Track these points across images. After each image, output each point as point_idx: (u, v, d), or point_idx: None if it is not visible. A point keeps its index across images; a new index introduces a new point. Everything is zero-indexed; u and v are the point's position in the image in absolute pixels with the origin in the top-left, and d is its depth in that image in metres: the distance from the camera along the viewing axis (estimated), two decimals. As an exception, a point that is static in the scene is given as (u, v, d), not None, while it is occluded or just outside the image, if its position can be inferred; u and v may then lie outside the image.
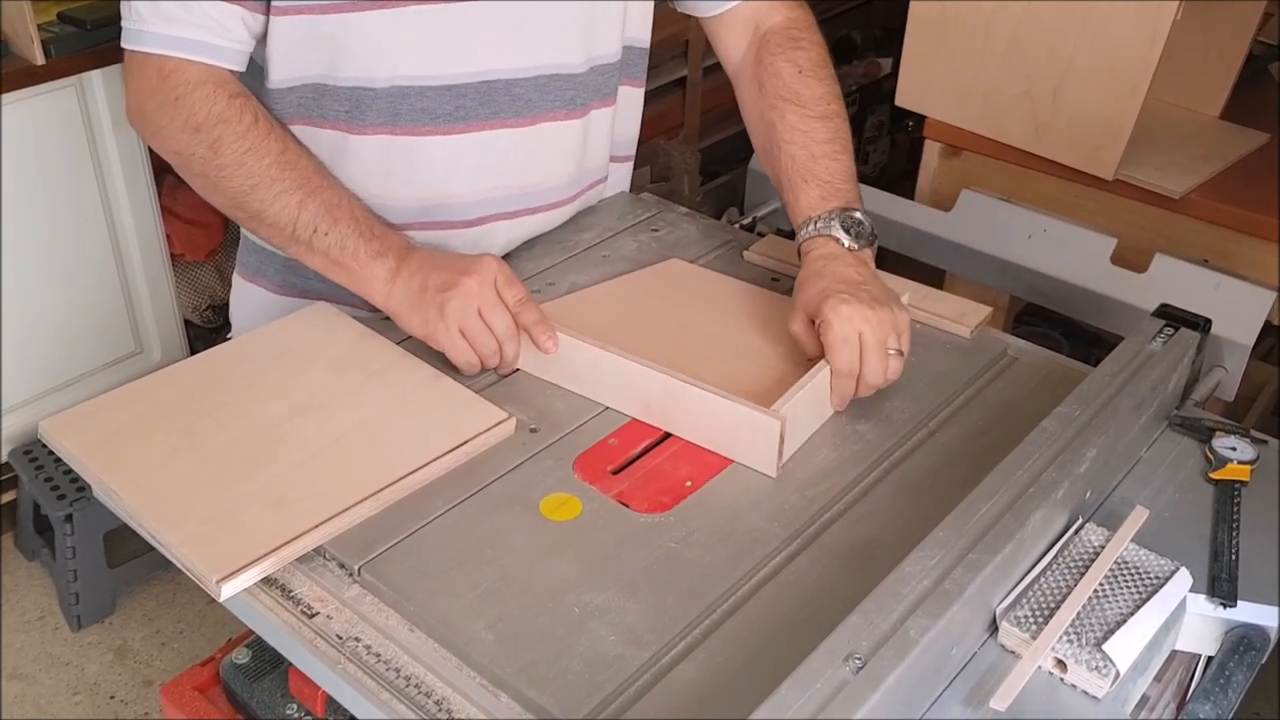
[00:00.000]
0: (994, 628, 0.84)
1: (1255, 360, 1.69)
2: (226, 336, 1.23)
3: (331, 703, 0.91)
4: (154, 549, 0.90)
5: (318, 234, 1.10)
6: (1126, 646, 0.81)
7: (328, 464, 0.96)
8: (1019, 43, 1.68)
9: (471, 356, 1.07)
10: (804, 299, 1.08)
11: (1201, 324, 1.09)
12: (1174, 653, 0.90)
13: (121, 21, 1.10)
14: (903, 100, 1.88)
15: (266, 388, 1.04)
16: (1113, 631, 0.82)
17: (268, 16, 1.11)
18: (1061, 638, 0.81)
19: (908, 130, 1.99)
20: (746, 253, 1.31)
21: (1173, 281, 1.55)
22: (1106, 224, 1.67)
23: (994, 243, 1.72)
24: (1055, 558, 0.88)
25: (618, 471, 0.99)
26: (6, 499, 2.26)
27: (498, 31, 1.16)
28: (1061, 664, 0.81)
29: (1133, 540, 0.90)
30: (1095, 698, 0.80)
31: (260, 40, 1.13)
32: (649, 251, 1.32)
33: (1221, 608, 0.88)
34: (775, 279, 1.26)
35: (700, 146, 2.86)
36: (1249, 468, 1.00)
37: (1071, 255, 1.65)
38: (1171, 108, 1.88)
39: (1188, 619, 0.89)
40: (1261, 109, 1.89)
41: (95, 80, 2.04)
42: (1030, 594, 0.85)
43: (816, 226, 1.14)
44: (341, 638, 0.84)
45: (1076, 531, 0.90)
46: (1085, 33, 1.61)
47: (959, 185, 1.80)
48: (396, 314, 1.10)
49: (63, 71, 1.98)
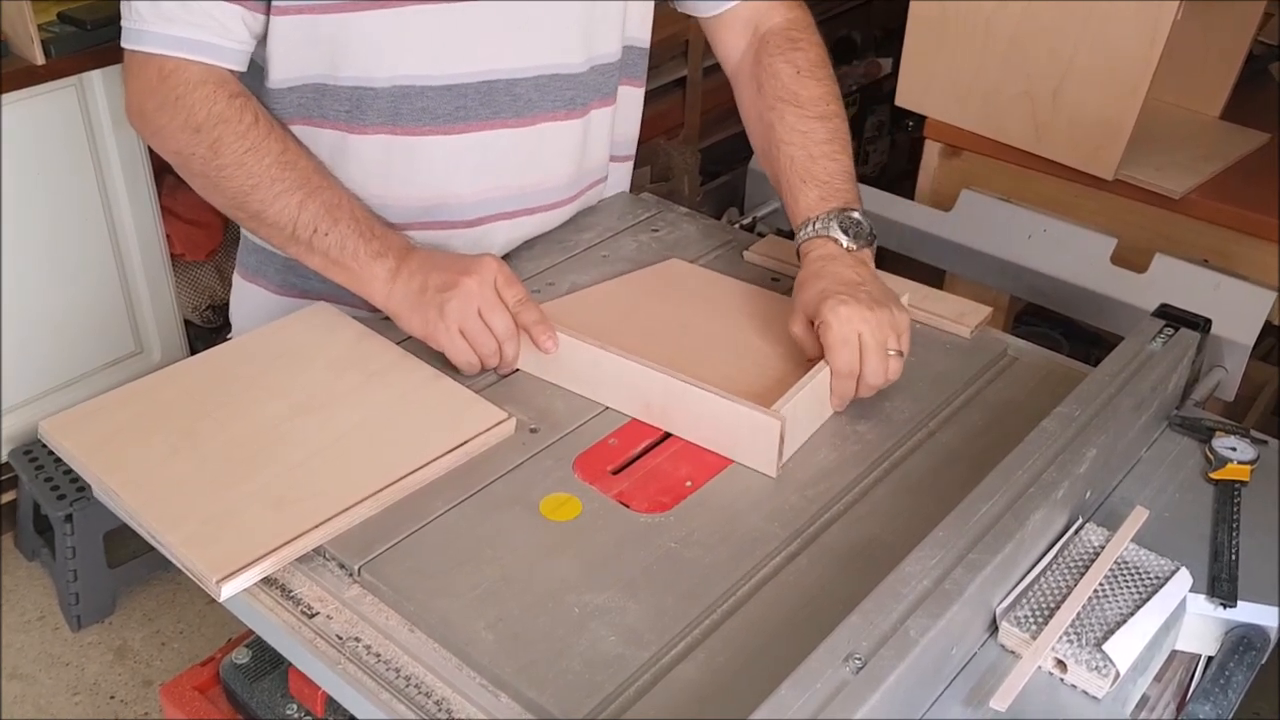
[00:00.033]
0: (994, 628, 0.84)
1: (1255, 360, 1.69)
2: (226, 336, 1.23)
3: (331, 703, 0.91)
4: (154, 549, 0.90)
5: (318, 234, 1.10)
6: (1126, 646, 0.81)
7: (328, 464, 0.96)
8: (1019, 43, 1.68)
9: (471, 356, 1.07)
10: (803, 300, 1.08)
11: (1201, 324, 1.09)
12: (1174, 653, 0.90)
13: (121, 21, 1.10)
14: (903, 100, 1.88)
15: (266, 388, 1.04)
16: (1113, 631, 0.82)
17: (268, 16, 1.11)
18: (1061, 638, 0.81)
19: (908, 130, 1.99)
20: (746, 253, 1.31)
21: (1173, 281, 1.54)
22: (1106, 224, 1.67)
23: (994, 243, 1.72)
24: (1055, 558, 0.88)
25: (618, 471, 0.99)
26: (6, 499, 2.26)
27: (498, 31, 1.16)
28: (1061, 664, 0.81)
29: (1133, 540, 0.90)
30: (1095, 698, 0.80)
31: (260, 40, 1.13)
32: (649, 251, 1.32)
33: (1221, 608, 0.88)
34: (775, 279, 1.26)
35: (700, 146, 2.86)
36: (1249, 468, 1.00)
37: (1071, 255, 1.65)
38: (1171, 108, 1.88)
39: (1188, 619, 0.89)
40: (1261, 109, 1.89)
41: (95, 80, 2.04)
42: (1030, 594, 0.85)
43: (815, 227, 1.14)
44: (341, 638, 0.84)
45: (1076, 531, 0.90)
46: (1085, 33, 1.61)
47: (959, 185, 1.80)
48: (396, 314, 1.10)
49: (63, 71, 1.98)
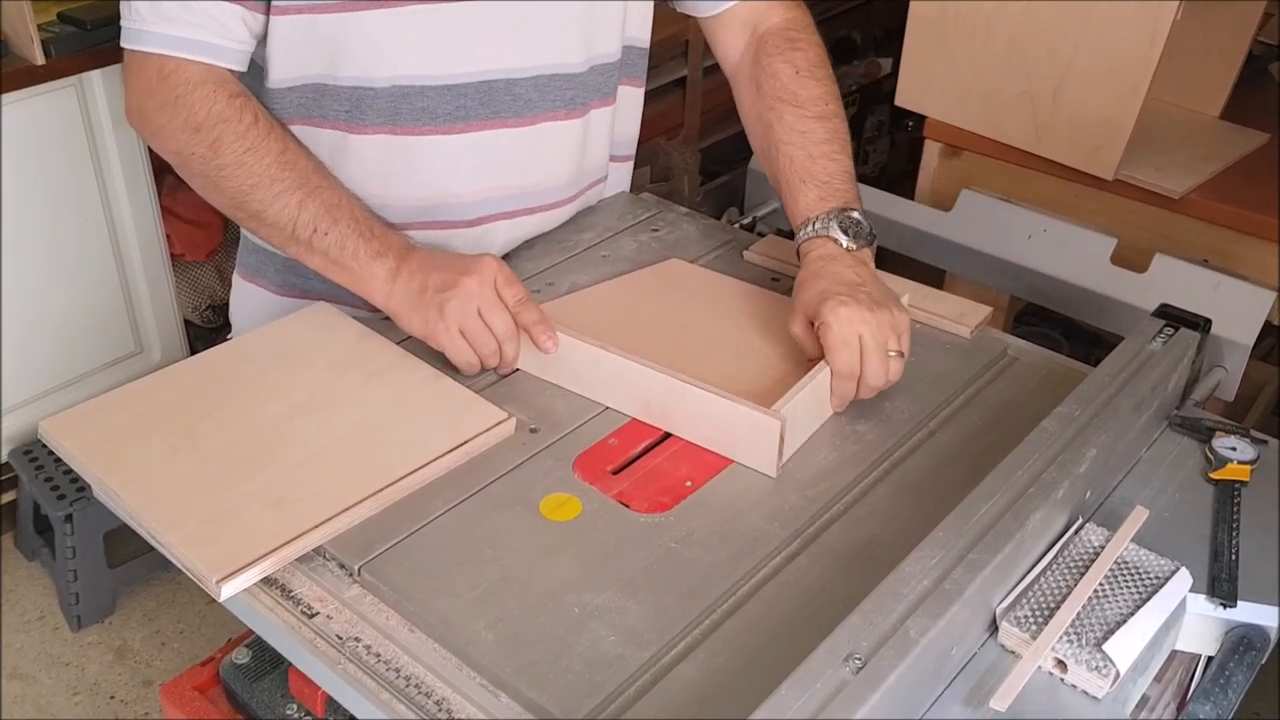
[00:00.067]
0: (994, 628, 0.84)
1: (1255, 360, 1.69)
2: (226, 336, 1.23)
3: (331, 703, 0.91)
4: (154, 549, 0.90)
5: (317, 234, 1.10)
6: (1126, 646, 0.81)
7: (328, 464, 0.95)
8: (1019, 43, 1.68)
9: (471, 356, 1.07)
10: (803, 301, 1.08)
11: (1201, 324, 1.09)
12: (1174, 653, 0.90)
13: (121, 21, 1.10)
14: (903, 100, 1.88)
15: (266, 388, 1.04)
16: (1113, 631, 0.82)
17: (268, 16, 1.11)
18: (1061, 638, 0.81)
19: (908, 130, 1.99)
20: (746, 253, 1.31)
21: (1173, 281, 1.54)
22: (1106, 224, 1.67)
23: (994, 243, 1.72)
24: (1055, 558, 0.88)
25: (618, 471, 0.99)
26: (6, 499, 2.26)
27: (498, 31, 1.16)
28: (1061, 664, 0.81)
29: (1133, 540, 0.90)
30: (1095, 698, 0.80)
31: (260, 40, 1.13)
32: (649, 251, 1.32)
33: (1221, 608, 0.88)
34: (775, 279, 1.26)
35: (700, 146, 2.86)
36: (1249, 468, 1.00)
37: (1071, 255, 1.65)
38: (1171, 108, 1.88)
39: (1188, 619, 0.89)
40: (1261, 109, 1.89)
41: (95, 80, 2.04)
42: (1030, 594, 0.85)
43: (815, 227, 1.14)
44: (341, 638, 0.84)
45: (1076, 531, 0.90)
46: (1085, 33, 1.61)
47: (959, 185, 1.80)
48: (396, 314, 1.10)
49: (63, 71, 1.98)
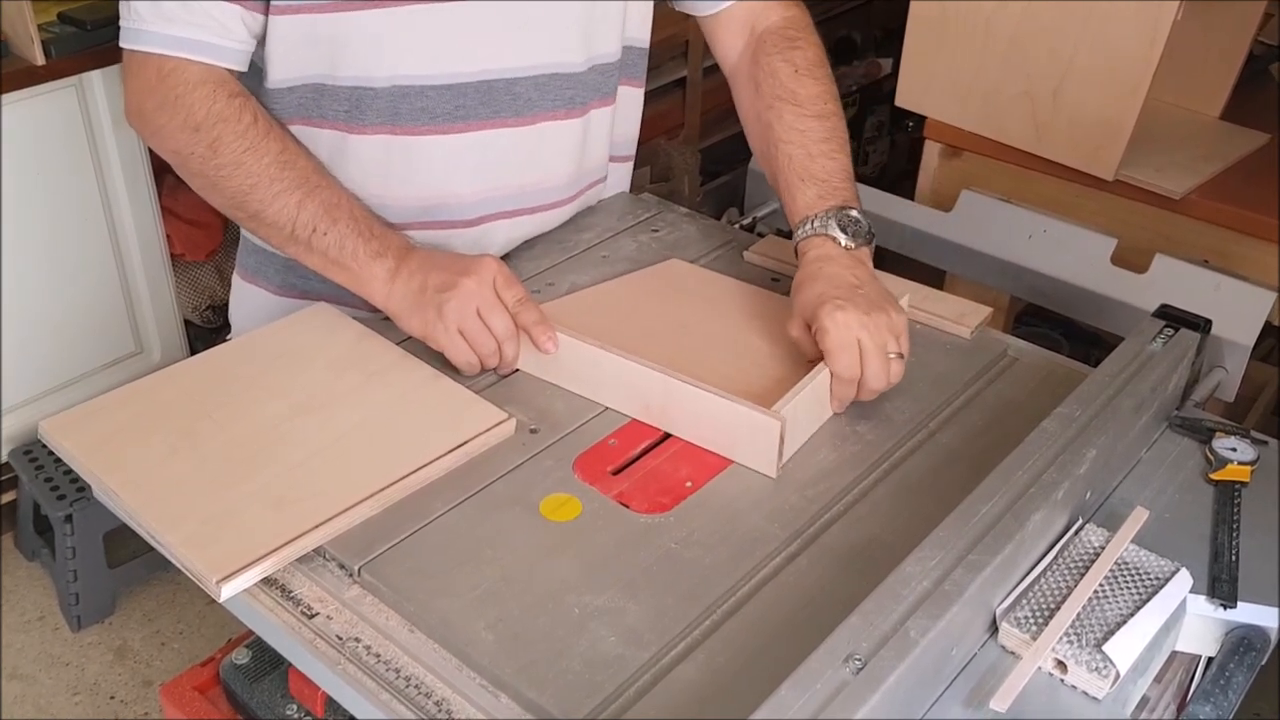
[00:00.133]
0: (994, 628, 0.84)
1: (1255, 361, 1.69)
2: (226, 337, 1.23)
3: (331, 703, 0.91)
4: (154, 549, 0.90)
5: (316, 234, 1.10)
6: (1127, 647, 0.81)
7: (328, 464, 0.95)
8: (1019, 43, 1.68)
9: (471, 357, 1.07)
10: (800, 303, 1.08)
11: (1202, 324, 1.09)
12: (1174, 653, 0.90)
13: (120, 21, 1.10)
14: (903, 100, 1.87)
15: (266, 388, 1.04)
16: (1113, 632, 0.82)
17: (267, 16, 1.11)
18: (1062, 638, 0.81)
19: (908, 130, 1.99)
20: (746, 253, 1.31)
21: (1173, 282, 1.54)
22: (1107, 224, 1.67)
23: (994, 243, 1.72)
24: (1055, 558, 0.88)
25: (618, 472, 0.99)
26: (6, 499, 2.26)
27: (498, 31, 1.16)
28: (1062, 665, 0.81)
29: (1133, 541, 0.90)
30: (1095, 699, 0.80)
31: (260, 40, 1.13)
32: (649, 252, 1.32)
33: (1222, 609, 0.88)
34: (775, 279, 1.26)
35: (700, 146, 2.86)
36: (1249, 468, 1.00)
37: (1072, 255, 1.65)
38: (1171, 108, 1.88)
39: (1188, 620, 0.89)
40: (1261, 109, 1.89)
41: (95, 80, 2.04)
42: (1030, 595, 0.85)
43: (813, 225, 1.13)
44: (341, 638, 0.83)
45: (1076, 532, 0.90)
46: (1085, 33, 1.61)
47: (959, 186, 1.80)
48: (396, 314, 1.10)
49: (63, 71, 1.98)
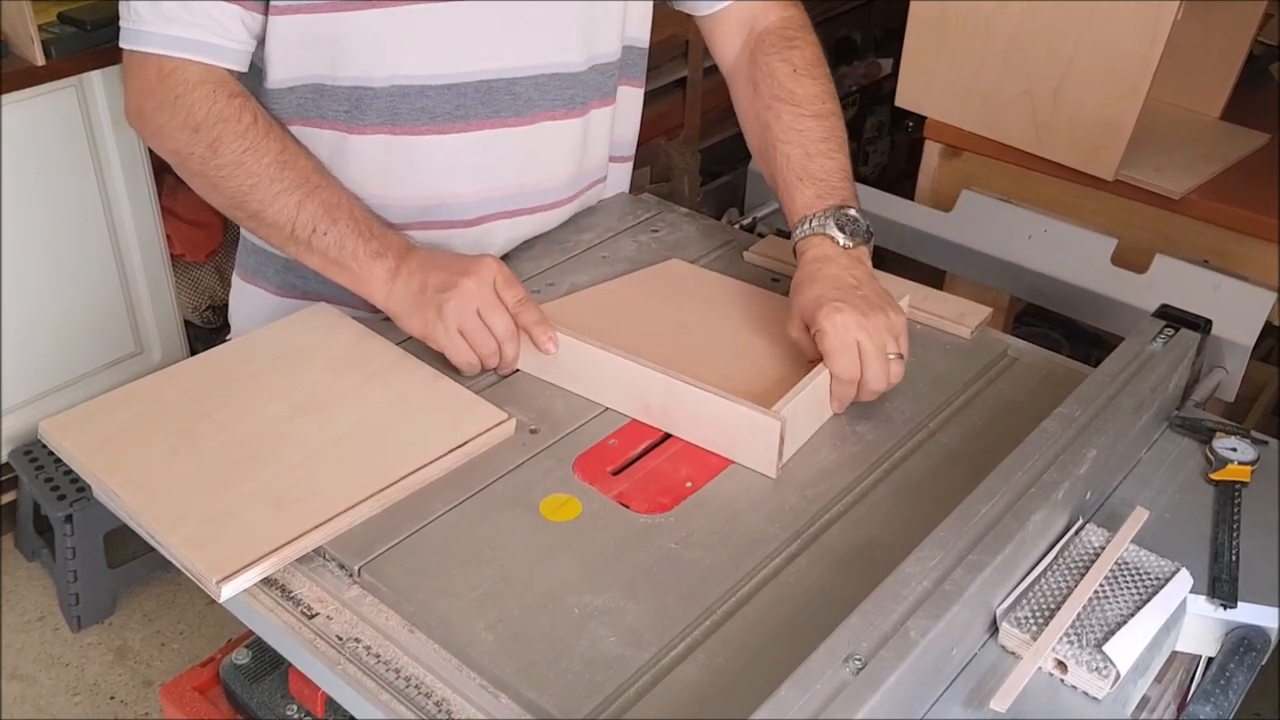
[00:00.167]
0: (994, 629, 0.84)
1: (1255, 361, 1.69)
2: (226, 337, 1.23)
3: (331, 703, 0.91)
4: (154, 549, 0.90)
5: (316, 234, 1.10)
6: (1127, 647, 0.81)
7: (328, 464, 0.95)
8: (1019, 43, 1.68)
9: (471, 357, 1.07)
10: (799, 305, 1.08)
11: (1202, 324, 1.09)
12: (1174, 654, 0.90)
13: (120, 21, 1.10)
14: (903, 101, 1.87)
15: (266, 388, 1.04)
16: (1113, 632, 0.82)
17: (267, 16, 1.11)
18: (1062, 639, 0.81)
19: (908, 130, 1.99)
20: (746, 253, 1.31)
21: (1173, 282, 1.54)
22: (1107, 224, 1.67)
23: (994, 243, 1.72)
24: (1055, 558, 0.88)
25: (618, 472, 0.99)
26: (6, 499, 2.26)
27: (498, 31, 1.16)
28: (1062, 665, 0.81)
29: (1133, 541, 0.90)
30: (1096, 699, 0.80)
31: (259, 41, 1.13)
32: (649, 252, 1.32)
33: (1222, 609, 0.88)
34: (775, 279, 1.26)
35: (700, 147, 2.86)
36: (1249, 468, 1.00)
37: (1072, 256, 1.65)
38: (1171, 108, 1.88)
39: (1188, 620, 0.89)
40: (1261, 109, 1.89)
41: (95, 80, 2.04)
42: (1030, 595, 0.85)
43: (812, 225, 1.13)
44: (341, 638, 0.83)
45: (1077, 532, 0.90)
46: (1085, 33, 1.61)
47: (959, 186, 1.80)
48: (396, 314, 1.10)
49: (63, 72, 1.98)
